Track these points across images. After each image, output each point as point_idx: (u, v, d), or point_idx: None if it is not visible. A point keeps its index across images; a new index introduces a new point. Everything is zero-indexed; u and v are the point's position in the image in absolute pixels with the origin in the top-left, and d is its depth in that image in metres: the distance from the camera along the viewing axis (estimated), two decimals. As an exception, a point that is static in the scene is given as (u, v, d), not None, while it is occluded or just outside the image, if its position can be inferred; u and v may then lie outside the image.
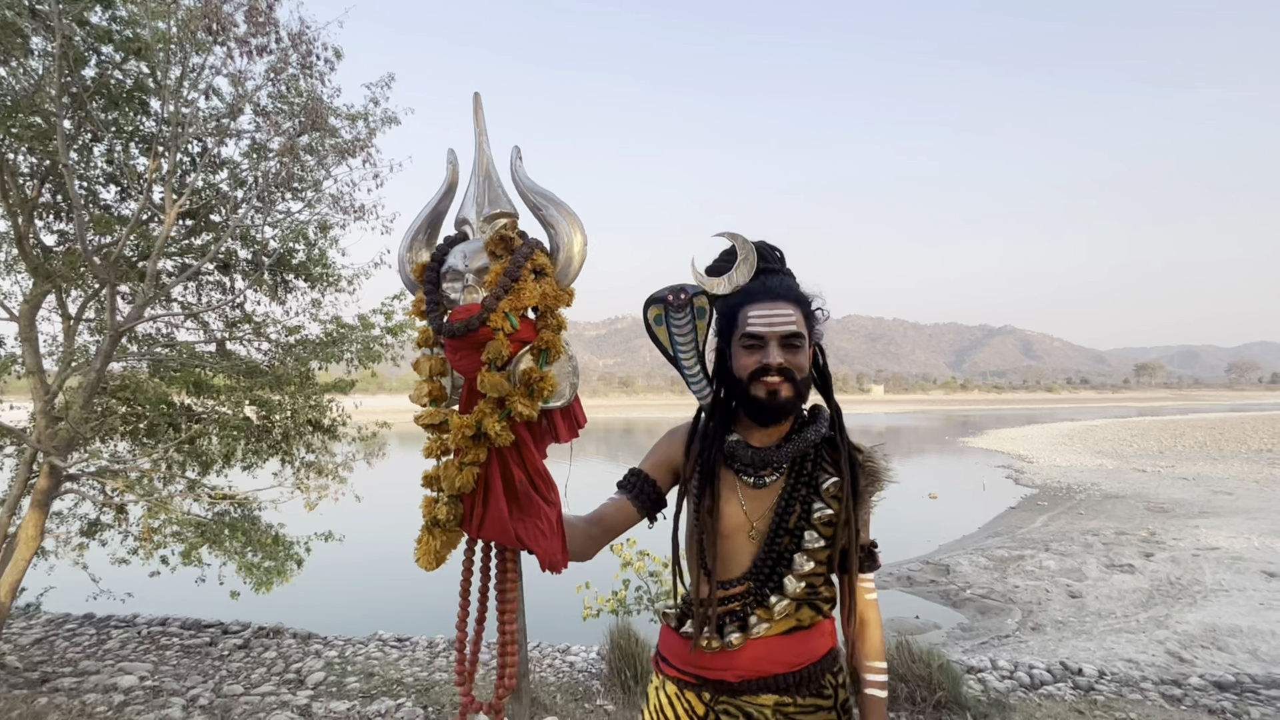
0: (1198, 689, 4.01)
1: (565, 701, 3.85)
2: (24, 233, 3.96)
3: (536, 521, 0.93)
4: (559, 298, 0.96)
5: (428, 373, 0.99)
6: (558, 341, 0.96)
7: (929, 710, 3.52)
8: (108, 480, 4.33)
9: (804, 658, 1.18)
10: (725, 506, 1.20)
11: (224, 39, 3.71)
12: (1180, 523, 11.96)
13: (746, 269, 1.17)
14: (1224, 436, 31.21)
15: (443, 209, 1.05)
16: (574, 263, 0.97)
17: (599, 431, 47.40)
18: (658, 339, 1.21)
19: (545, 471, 0.98)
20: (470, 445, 0.92)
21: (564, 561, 0.97)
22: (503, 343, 0.90)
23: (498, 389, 0.90)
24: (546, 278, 0.94)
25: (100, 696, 3.53)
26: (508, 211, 1.00)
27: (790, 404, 1.14)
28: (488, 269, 0.94)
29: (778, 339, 1.13)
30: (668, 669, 1.25)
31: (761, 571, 1.17)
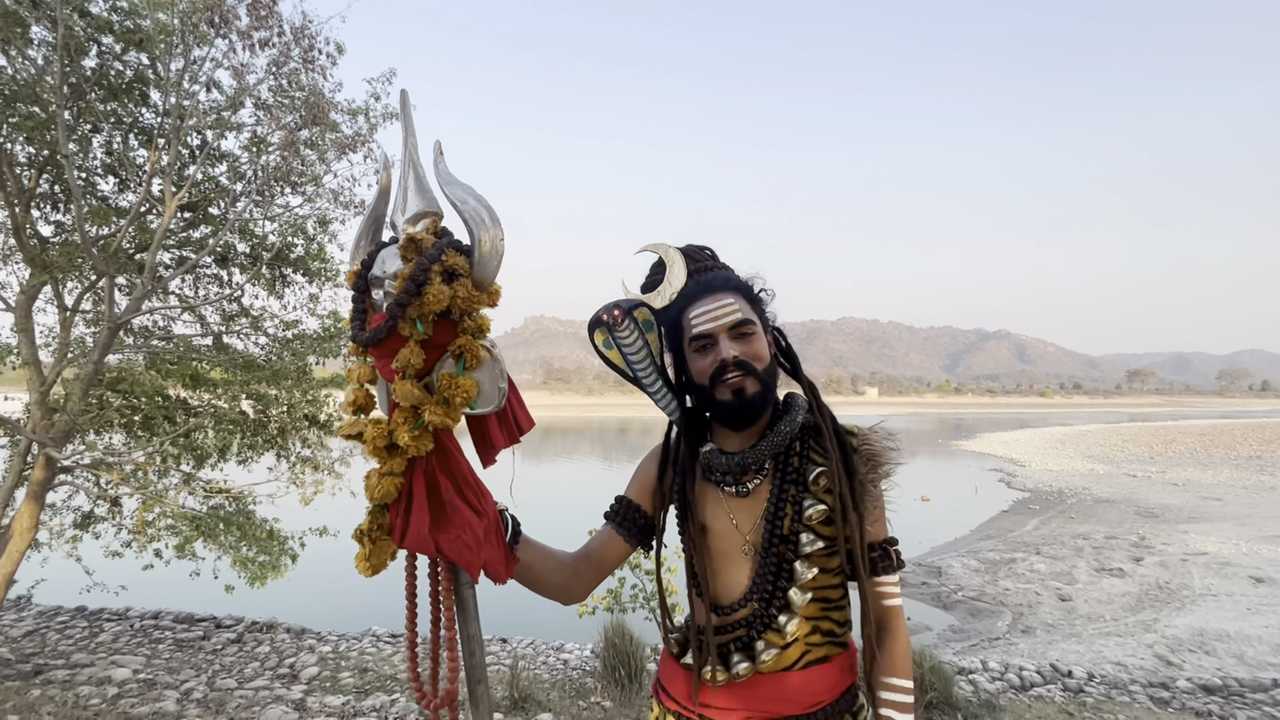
0: (1185, 692, 4.06)
1: (560, 698, 3.87)
2: (21, 223, 3.94)
3: (460, 532, 0.89)
4: (474, 299, 0.90)
5: (357, 380, 0.96)
6: (475, 346, 0.91)
7: (920, 711, 3.55)
8: (102, 473, 4.31)
9: (820, 697, 1.05)
10: (713, 524, 1.09)
11: (226, 32, 3.70)
12: (1170, 528, 12.06)
13: (679, 275, 1.11)
14: (1214, 443, 31.46)
15: (380, 213, 1.01)
16: (490, 261, 0.90)
17: (594, 431, 47.38)
18: (611, 363, 1.13)
19: (475, 481, 0.94)
20: (386, 455, 0.90)
21: (504, 572, 0.94)
22: (413, 350, 0.87)
23: (409, 397, 0.87)
24: (460, 279, 0.89)
25: (94, 689, 3.52)
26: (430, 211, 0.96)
27: (759, 399, 1.05)
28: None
29: (726, 331, 1.05)
30: (669, 702, 1.14)
31: (763, 589, 1.05)
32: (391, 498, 0.90)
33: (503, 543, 0.96)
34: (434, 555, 0.91)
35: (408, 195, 0.97)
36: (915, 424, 58.97)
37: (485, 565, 0.92)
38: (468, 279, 0.90)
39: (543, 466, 23.76)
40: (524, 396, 1.05)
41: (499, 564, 0.93)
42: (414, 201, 0.96)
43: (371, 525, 0.91)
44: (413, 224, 0.95)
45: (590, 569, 1.10)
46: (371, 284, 0.94)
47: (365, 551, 0.91)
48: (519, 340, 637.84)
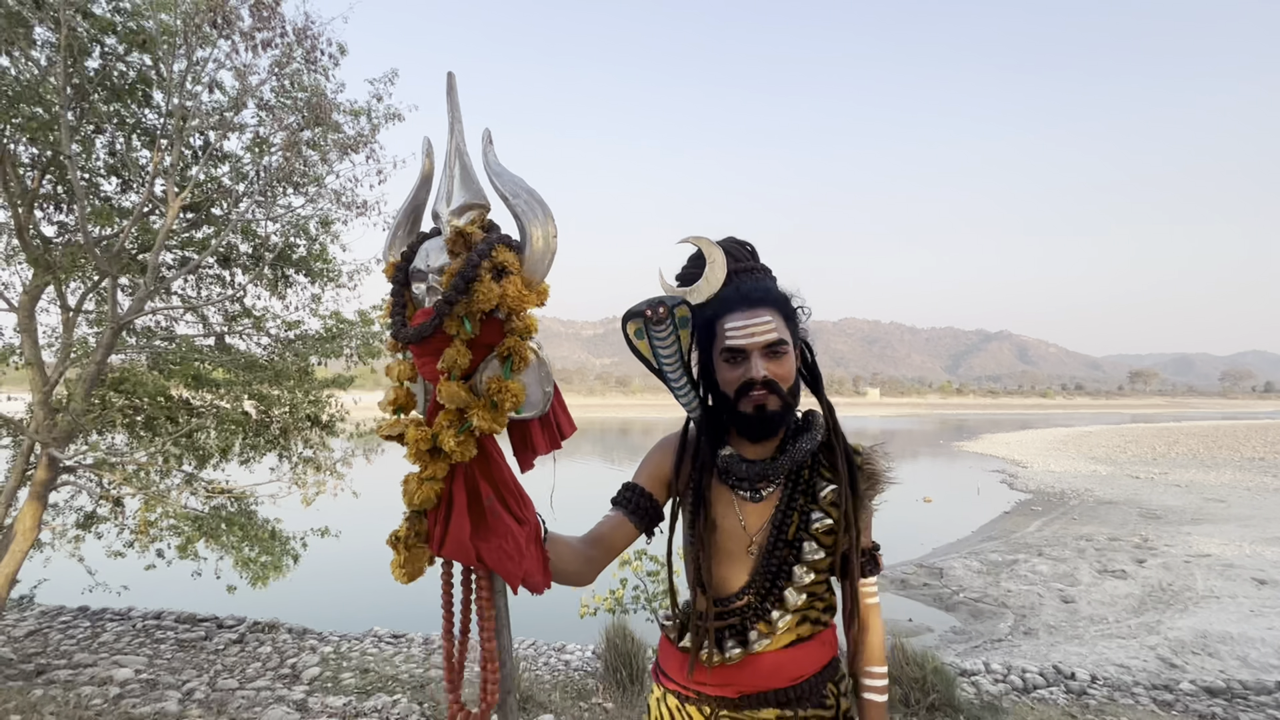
0: (1189, 694, 4.05)
1: (561, 699, 3.86)
2: (25, 224, 3.95)
3: (501, 541, 0.86)
4: (524, 299, 0.86)
5: (396, 378, 0.93)
6: (523, 348, 0.87)
7: (923, 713, 3.54)
8: (105, 473, 4.32)
9: (805, 670, 1.16)
10: (722, 523, 1.17)
11: (228, 32, 3.71)
12: (1173, 529, 12.04)
13: (716, 274, 1.13)
14: (1217, 444, 31.40)
15: (420, 201, 0.98)
16: (543, 259, 0.87)
17: (595, 432, 47.40)
18: (640, 353, 1.14)
19: (516, 487, 0.90)
20: (428, 460, 0.85)
21: (542, 583, 0.91)
22: (459, 350, 0.83)
23: (455, 400, 0.83)
24: (510, 277, 0.85)
25: (96, 689, 3.52)
26: (477, 203, 0.91)
27: (779, 416, 1.09)
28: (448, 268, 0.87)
29: (759, 350, 1.08)
30: (668, 682, 1.23)
31: (761, 586, 1.14)
32: (431, 504, 0.86)
33: (541, 551, 0.93)
34: (474, 564, 0.88)
35: (453, 185, 0.92)
36: (917, 425, 58.91)
37: (525, 575, 0.89)
38: (517, 277, 0.86)
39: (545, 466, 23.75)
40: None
41: (537, 574, 0.90)
42: (460, 192, 0.91)
43: (409, 532, 0.87)
44: (458, 216, 0.90)
45: (601, 553, 1.12)
46: (413, 277, 0.90)
47: (400, 558, 0.87)
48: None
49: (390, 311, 0.91)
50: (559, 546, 1.02)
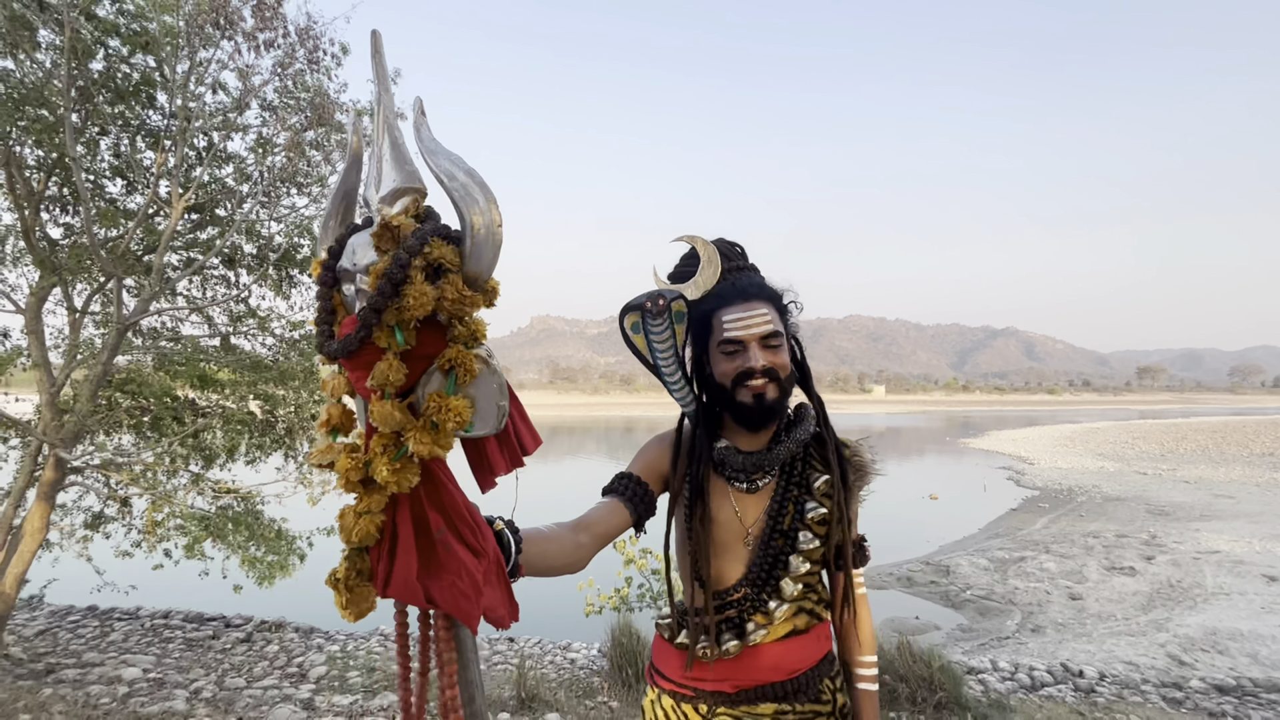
0: (1199, 692, 4.02)
1: (567, 698, 3.86)
2: (31, 225, 3.97)
3: (454, 579, 0.74)
4: (466, 301, 0.73)
5: (332, 394, 0.79)
6: (468, 358, 0.74)
7: (930, 710, 3.52)
8: (112, 473, 4.35)
9: (802, 664, 1.17)
10: (719, 515, 1.18)
11: (231, 33, 3.71)
12: (1181, 526, 11.96)
13: (712, 270, 1.15)
14: (1226, 440, 31.17)
15: (351, 186, 0.84)
16: (485, 250, 0.74)
17: (599, 430, 47.42)
18: (635, 347, 1.15)
19: (472, 515, 0.79)
20: (363, 491, 0.74)
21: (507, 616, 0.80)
22: (391, 365, 0.71)
23: (388, 422, 0.71)
24: (449, 276, 0.73)
25: (104, 688, 3.55)
26: (410, 186, 0.77)
27: (777, 405, 1.12)
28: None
29: (757, 340, 1.11)
30: (663, 682, 1.22)
31: (758, 577, 1.15)
32: (372, 540, 0.74)
33: (505, 581, 0.82)
34: (424, 605, 0.76)
35: (383, 166, 0.79)
36: (923, 422, 58.73)
37: (486, 611, 0.78)
38: (457, 275, 0.73)
39: (549, 465, 23.79)
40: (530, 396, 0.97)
41: (501, 607, 0.79)
42: (390, 175, 0.78)
43: (349, 572, 0.75)
44: (389, 203, 0.77)
45: (592, 540, 1.06)
46: (341, 277, 0.77)
47: (343, 599, 0.75)
48: (525, 339, 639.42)
49: (316, 319, 0.78)
50: (541, 544, 0.95)
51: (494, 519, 0.87)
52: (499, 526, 0.87)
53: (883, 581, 9.07)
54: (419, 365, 0.74)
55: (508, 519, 0.89)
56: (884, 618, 7.65)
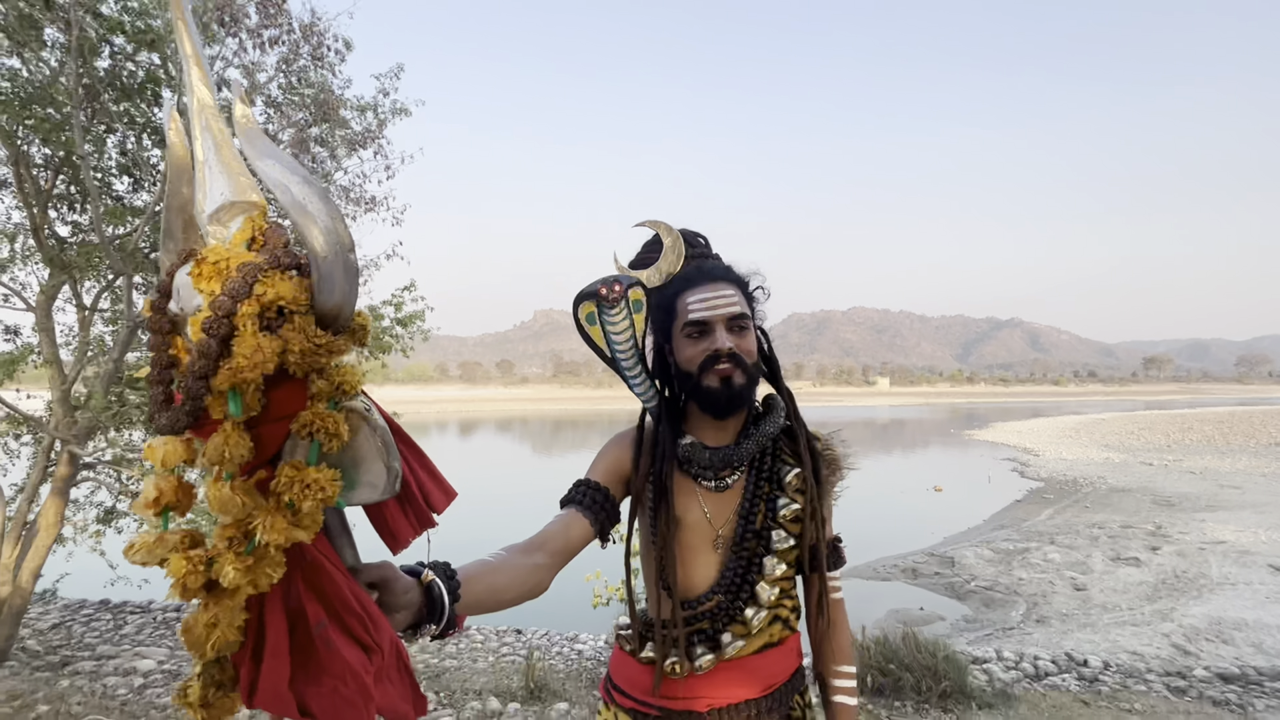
0: (1203, 681, 4.03)
1: (575, 688, 3.91)
2: (40, 223, 4.00)
3: (338, 684, 0.60)
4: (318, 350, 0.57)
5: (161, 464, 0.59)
6: (332, 420, 0.59)
7: (934, 699, 3.55)
8: (123, 468, 4.40)
9: (775, 678, 1.09)
10: (686, 516, 1.09)
11: (235, 30, 3.73)
12: (1187, 516, 11.94)
13: (675, 255, 1.08)
14: (1232, 431, 31.05)
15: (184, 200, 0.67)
16: (334, 274, 0.57)
17: (604, 424, 47.52)
18: (591, 340, 1.08)
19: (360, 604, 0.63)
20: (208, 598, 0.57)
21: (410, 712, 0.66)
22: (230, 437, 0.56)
23: (229, 508, 0.57)
24: (294, 319, 0.57)
25: (120, 680, 3.61)
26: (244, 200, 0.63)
27: (745, 391, 1.05)
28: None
29: (723, 322, 1.04)
30: (623, 699, 1.10)
31: (732, 582, 1.06)
32: (234, 647, 0.59)
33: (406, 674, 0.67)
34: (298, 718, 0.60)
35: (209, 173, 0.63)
36: (927, 414, 58.66)
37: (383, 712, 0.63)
38: (306, 317, 0.58)
39: (554, 460, 23.87)
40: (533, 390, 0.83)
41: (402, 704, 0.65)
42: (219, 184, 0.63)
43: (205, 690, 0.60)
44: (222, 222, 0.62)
45: (550, 558, 0.95)
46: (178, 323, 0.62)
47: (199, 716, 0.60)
48: (529, 334, 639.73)
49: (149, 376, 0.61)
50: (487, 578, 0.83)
51: (423, 567, 0.75)
52: (428, 578, 0.74)
53: (887, 573, 9.10)
54: (280, 429, 0.59)
55: (442, 563, 0.77)
56: (888, 609, 7.69)
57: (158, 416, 0.59)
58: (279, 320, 0.57)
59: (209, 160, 0.64)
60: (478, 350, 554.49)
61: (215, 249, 0.60)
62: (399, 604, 0.70)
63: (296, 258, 0.60)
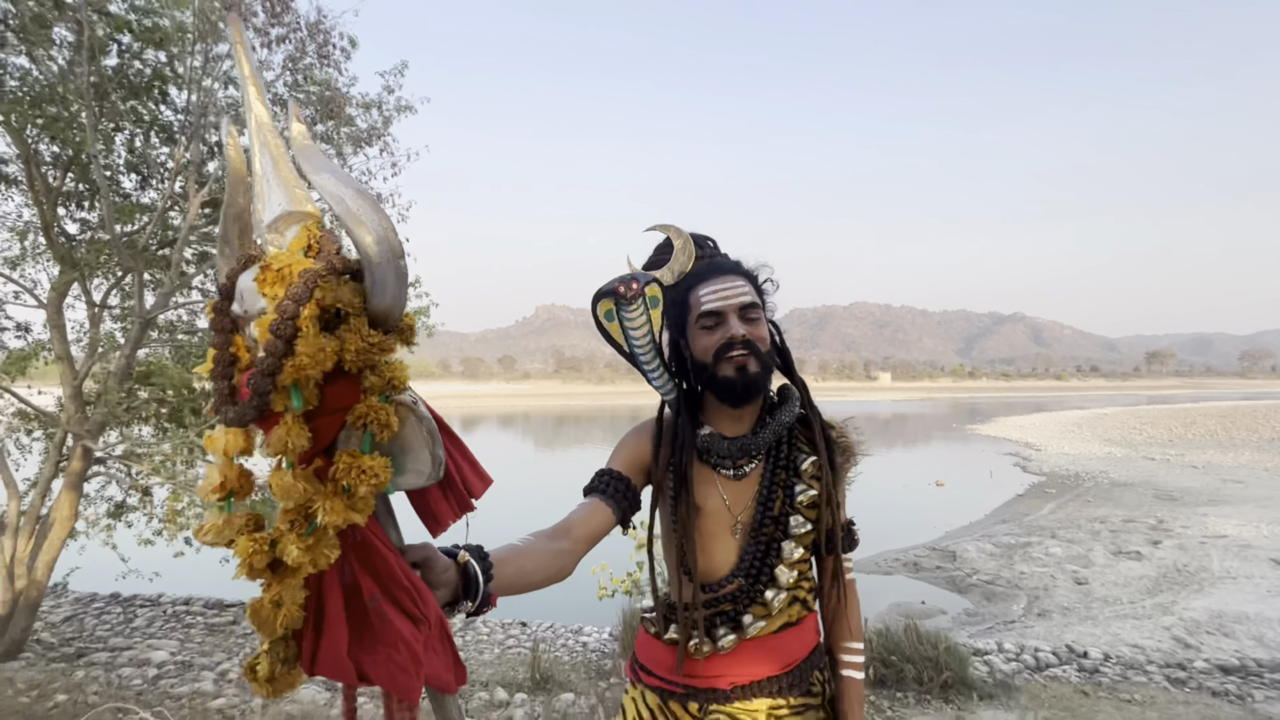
0: (1202, 672, 4.07)
1: (579, 679, 3.96)
2: (50, 221, 4.04)
3: (391, 651, 0.67)
4: (373, 348, 0.64)
5: (223, 453, 0.65)
6: (383, 412, 0.65)
7: (935, 690, 3.59)
8: (133, 463, 4.45)
9: (795, 656, 1.13)
10: (706, 504, 1.13)
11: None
12: (1189, 510, 11.96)
13: (686, 257, 1.14)
14: (1235, 425, 31.00)
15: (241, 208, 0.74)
16: (387, 278, 0.63)
17: (605, 419, 47.58)
18: (610, 336, 1.13)
19: (409, 580, 0.70)
20: (272, 578, 0.63)
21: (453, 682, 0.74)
22: (292, 429, 0.61)
23: (290, 494, 0.63)
24: (350, 321, 0.63)
25: (134, 670, 3.67)
26: (300, 210, 0.68)
27: (760, 379, 1.09)
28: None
29: (736, 311, 1.08)
30: (649, 678, 1.16)
31: (752, 566, 1.11)
32: (298, 623, 0.65)
33: (449, 645, 0.75)
34: (355, 683, 0.67)
35: (266, 187, 0.68)
36: (929, 409, 58.62)
37: (429, 680, 0.71)
38: (361, 318, 0.64)
39: (556, 454, 23.95)
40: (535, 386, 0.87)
41: (445, 673, 0.72)
42: (276, 196, 0.68)
43: (272, 665, 0.66)
44: (279, 231, 0.67)
45: (574, 545, 1.01)
46: (240, 322, 0.67)
47: (265, 690, 0.67)
48: (530, 329, 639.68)
49: (213, 372, 0.67)
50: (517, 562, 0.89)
51: (458, 550, 0.81)
52: (464, 558, 0.80)
53: (889, 567, 9.14)
54: (335, 421, 0.65)
55: (476, 545, 0.83)
56: (890, 602, 7.72)
57: (224, 410, 0.64)
58: (336, 321, 0.64)
59: (266, 174, 0.69)
60: (479, 346, 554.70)
61: (279, 256, 0.65)
62: (438, 582, 0.76)
63: (351, 264, 0.66)
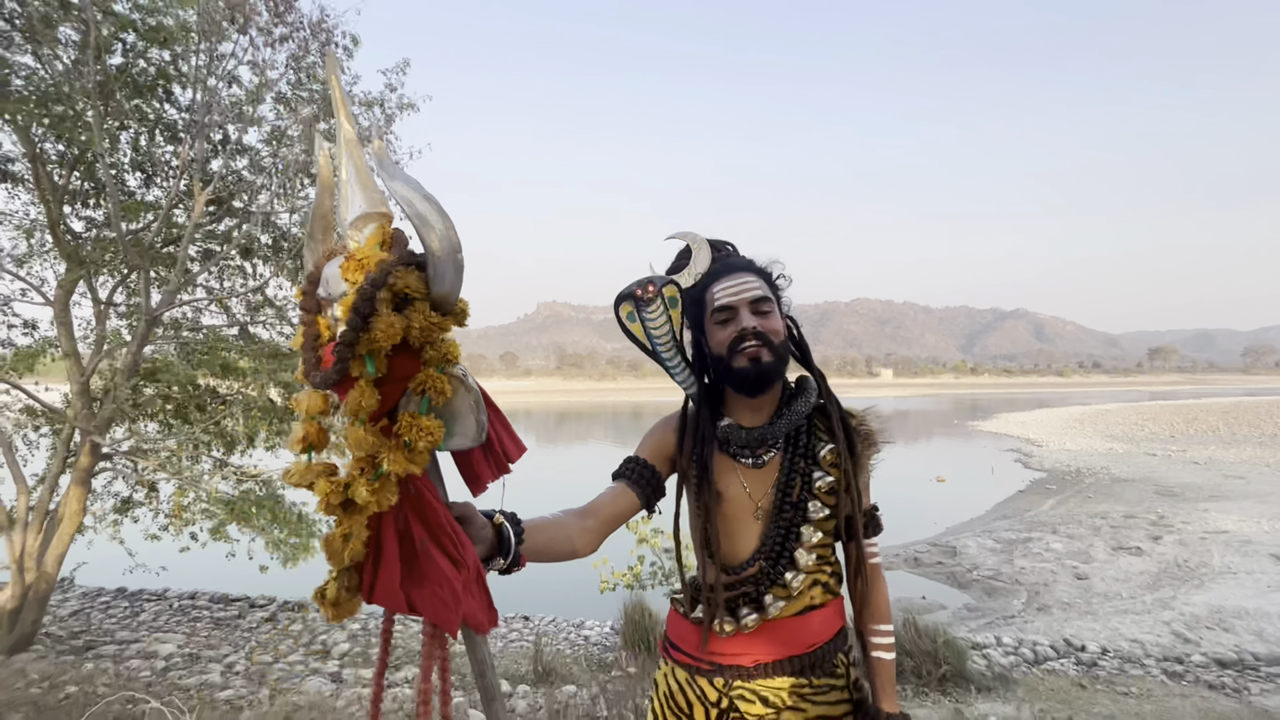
0: (1199, 665, 4.10)
1: (581, 673, 4.00)
2: (56, 219, 4.07)
3: (435, 588, 0.79)
4: (434, 328, 0.77)
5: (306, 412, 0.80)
6: (439, 381, 0.79)
7: (934, 683, 3.63)
8: (140, 459, 4.49)
9: (818, 638, 1.18)
10: (727, 491, 1.19)
11: (246, 28, 3.77)
12: (1190, 506, 11.97)
13: (704, 259, 1.22)
14: (1238, 421, 30.96)
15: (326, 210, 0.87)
16: (447, 271, 0.76)
17: (607, 416, 47.62)
18: (633, 335, 1.21)
19: (452, 528, 0.82)
20: (343, 514, 0.77)
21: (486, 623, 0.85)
22: (365, 392, 0.75)
23: (362, 446, 0.76)
24: (415, 304, 0.76)
25: (143, 662, 3.72)
26: (376, 212, 0.81)
27: (773, 369, 1.14)
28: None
29: (747, 305, 1.15)
30: (678, 655, 1.23)
31: (772, 550, 1.16)
32: (362, 556, 0.78)
33: (484, 590, 0.86)
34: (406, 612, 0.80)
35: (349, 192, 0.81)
36: (931, 405, 58.59)
37: (466, 618, 0.82)
38: (424, 302, 0.77)
39: (558, 450, 24.01)
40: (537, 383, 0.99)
41: (480, 614, 0.84)
42: (357, 200, 0.81)
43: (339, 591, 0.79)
44: (358, 229, 0.80)
45: (600, 524, 1.10)
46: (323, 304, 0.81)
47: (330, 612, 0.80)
48: (532, 326, 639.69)
49: (302, 344, 0.80)
50: (546, 532, 1.00)
51: (494, 513, 0.91)
52: (499, 520, 0.90)
53: (890, 562, 9.17)
54: (396, 388, 0.79)
55: (509, 512, 0.93)
56: (891, 597, 7.76)
57: (312, 375, 0.78)
58: (404, 304, 0.76)
59: (350, 180, 0.82)
60: (481, 343, 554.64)
61: (360, 249, 0.78)
62: (477, 538, 0.85)
63: (417, 257, 0.79)
